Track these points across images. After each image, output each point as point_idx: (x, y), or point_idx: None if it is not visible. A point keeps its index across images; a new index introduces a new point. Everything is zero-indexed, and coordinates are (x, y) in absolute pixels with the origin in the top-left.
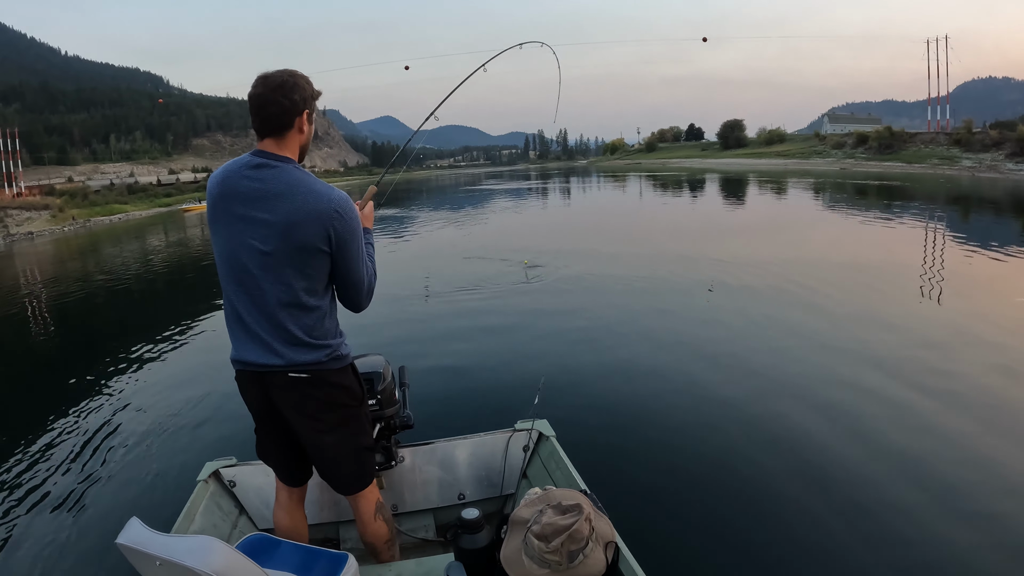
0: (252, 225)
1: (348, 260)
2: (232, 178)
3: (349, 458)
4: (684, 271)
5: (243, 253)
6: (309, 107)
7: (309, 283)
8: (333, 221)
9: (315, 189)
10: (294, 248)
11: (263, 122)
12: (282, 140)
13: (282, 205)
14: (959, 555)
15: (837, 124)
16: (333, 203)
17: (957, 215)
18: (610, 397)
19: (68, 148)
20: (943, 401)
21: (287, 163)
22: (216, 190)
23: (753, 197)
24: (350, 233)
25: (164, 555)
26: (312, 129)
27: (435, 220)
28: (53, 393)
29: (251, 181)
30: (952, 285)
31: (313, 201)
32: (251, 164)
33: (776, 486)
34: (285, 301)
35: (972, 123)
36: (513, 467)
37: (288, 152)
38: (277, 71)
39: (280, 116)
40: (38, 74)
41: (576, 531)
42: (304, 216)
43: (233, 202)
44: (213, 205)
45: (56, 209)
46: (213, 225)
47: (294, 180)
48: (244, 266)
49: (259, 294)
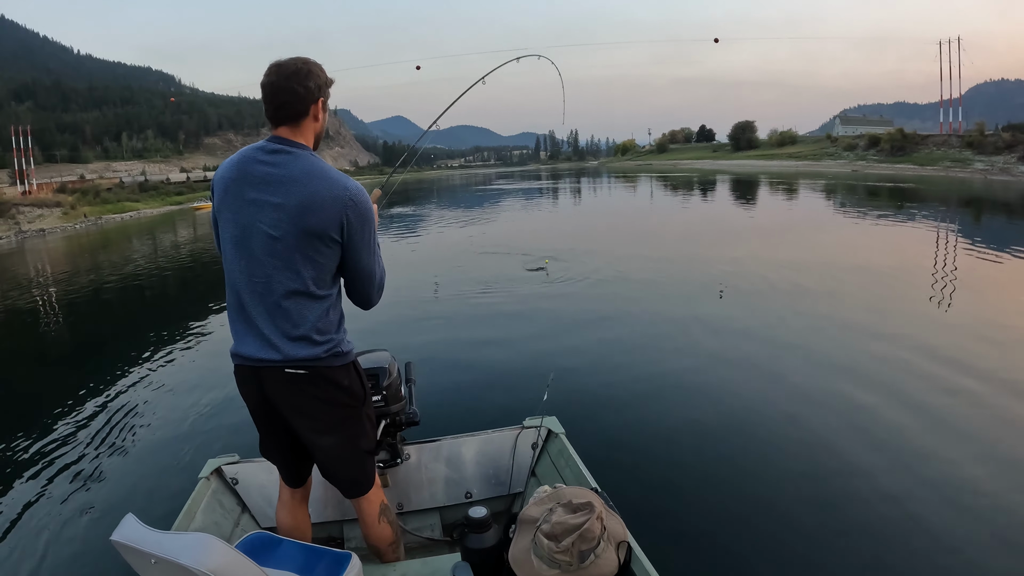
0: (263, 209)
1: (360, 250)
2: (246, 162)
3: (347, 461)
4: (696, 272)
5: (252, 238)
6: (323, 95)
7: (317, 272)
8: (347, 209)
9: (330, 176)
10: (306, 234)
11: (277, 110)
12: (297, 128)
13: (296, 190)
14: (981, 557)
15: (849, 126)
16: (349, 191)
17: (970, 218)
18: (621, 394)
19: (80, 146)
20: (959, 403)
21: (303, 149)
22: (230, 174)
23: (765, 199)
24: (364, 222)
25: (159, 553)
26: (326, 117)
27: (445, 218)
28: (58, 387)
29: (266, 166)
30: (969, 289)
31: (328, 187)
32: (267, 149)
33: (792, 486)
34: (292, 289)
35: (984, 125)
36: (521, 465)
37: (303, 139)
38: (290, 59)
39: (295, 104)
40: (51, 72)
41: (587, 530)
42: (319, 201)
43: (245, 186)
44: (224, 190)
45: (68, 206)
46: (222, 211)
47: (309, 166)
48: (252, 252)
49: (265, 281)
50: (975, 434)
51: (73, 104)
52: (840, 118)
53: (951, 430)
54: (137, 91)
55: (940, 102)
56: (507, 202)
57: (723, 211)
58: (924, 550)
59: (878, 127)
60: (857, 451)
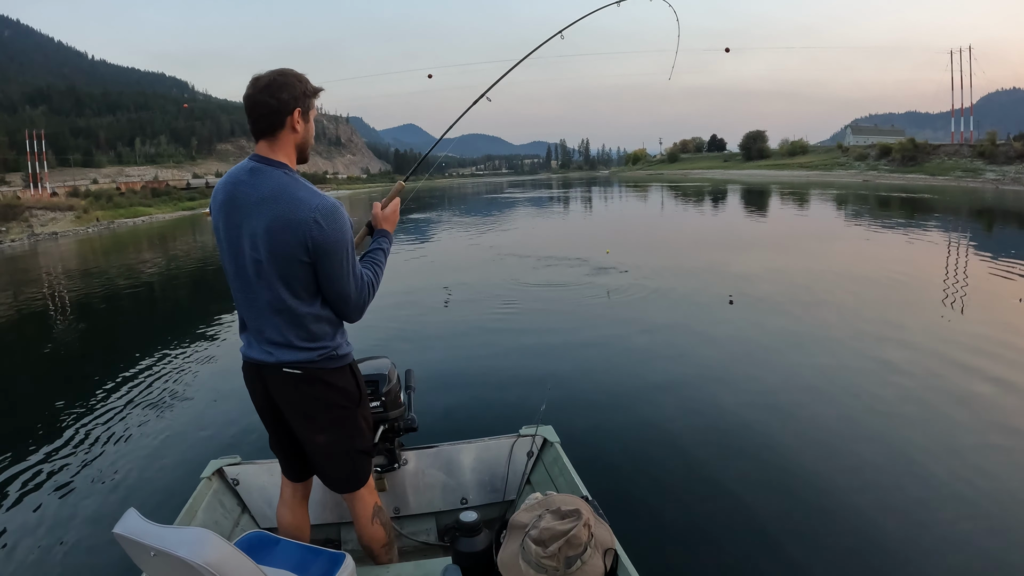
0: (246, 232)
1: (331, 270)
2: (233, 184)
3: (340, 459)
4: (702, 282)
5: (240, 258)
6: (301, 104)
7: (295, 290)
8: (311, 230)
9: (297, 196)
10: (275, 256)
11: (255, 123)
12: (275, 141)
13: (265, 211)
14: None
15: (860, 136)
16: (313, 211)
17: (982, 229)
18: (617, 405)
19: (93, 151)
20: (968, 413)
21: (277, 167)
22: (220, 197)
23: (776, 209)
24: (332, 244)
25: (158, 545)
26: (310, 127)
27: (455, 225)
28: (66, 386)
29: (246, 187)
30: (980, 300)
31: (292, 209)
32: (247, 168)
33: (783, 502)
34: (276, 307)
35: (996, 135)
36: (516, 472)
37: (282, 154)
38: (269, 71)
39: (269, 116)
40: (65, 77)
41: (574, 536)
42: (282, 224)
43: (231, 208)
44: (216, 212)
45: (80, 210)
46: (218, 231)
47: (279, 186)
48: (243, 271)
49: (254, 298)
50: (980, 442)
51: (87, 109)
52: (851, 128)
53: (957, 440)
54: (151, 97)
55: (952, 111)
56: (518, 211)
57: (733, 221)
58: (927, 560)
59: (889, 137)
60: (855, 465)
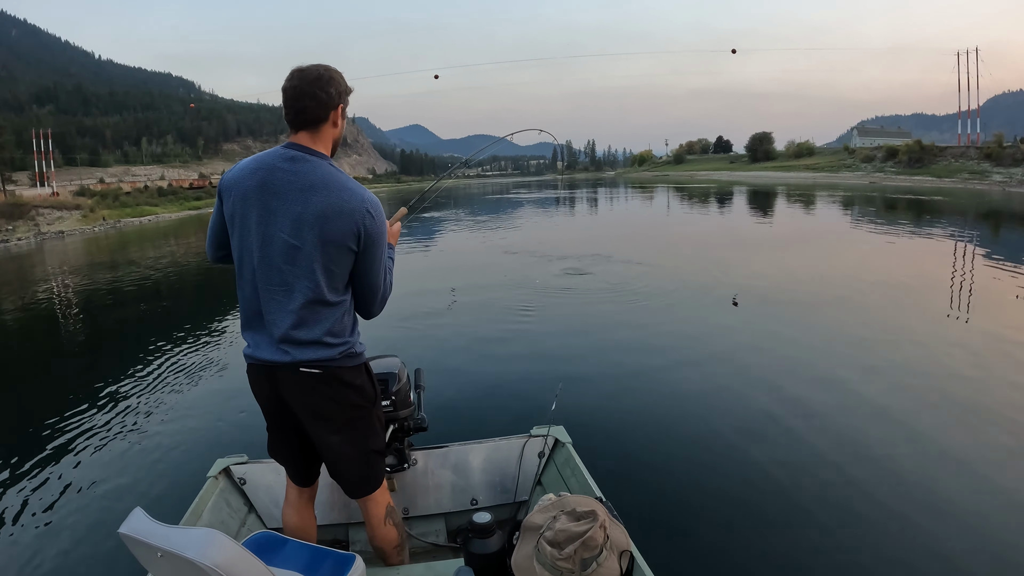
0: (284, 219)
1: (371, 262)
2: (267, 170)
3: (357, 460)
4: (710, 283)
5: (272, 246)
6: (343, 102)
7: (333, 280)
8: (364, 219)
9: (348, 186)
10: (324, 242)
11: (298, 114)
12: (316, 134)
13: (316, 199)
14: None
15: (866, 137)
16: (366, 202)
17: (988, 231)
18: (628, 404)
19: (100, 150)
20: (977, 419)
21: (321, 158)
22: (249, 181)
23: (782, 210)
24: (378, 235)
25: (166, 546)
26: (344, 124)
27: (461, 225)
28: (72, 384)
29: (286, 174)
30: (987, 303)
31: (347, 197)
32: (285, 156)
33: (800, 503)
34: (310, 297)
35: (1003, 137)
36: (528, 473)
37: (322, 146)
38: (312, 65)
39: (315, 109)
40: (72, 77)
41: (590, 538)
42: (337, 211)
43: (266, 194)
44: (243, 197)
45: (87, 209)
46: (239, 218)
47: (328, 175)
48: (271, 259)
49: (284, 289)
50: (986, 449)
51: (94, 108)
52: (858, 129)
53: (967, 446)
54: (157, 96)
55: (958, 113)
56: (524, 211)
57: (740, 222)
58: (937, 569)
59: (896, 139)
60: (870, 468)
